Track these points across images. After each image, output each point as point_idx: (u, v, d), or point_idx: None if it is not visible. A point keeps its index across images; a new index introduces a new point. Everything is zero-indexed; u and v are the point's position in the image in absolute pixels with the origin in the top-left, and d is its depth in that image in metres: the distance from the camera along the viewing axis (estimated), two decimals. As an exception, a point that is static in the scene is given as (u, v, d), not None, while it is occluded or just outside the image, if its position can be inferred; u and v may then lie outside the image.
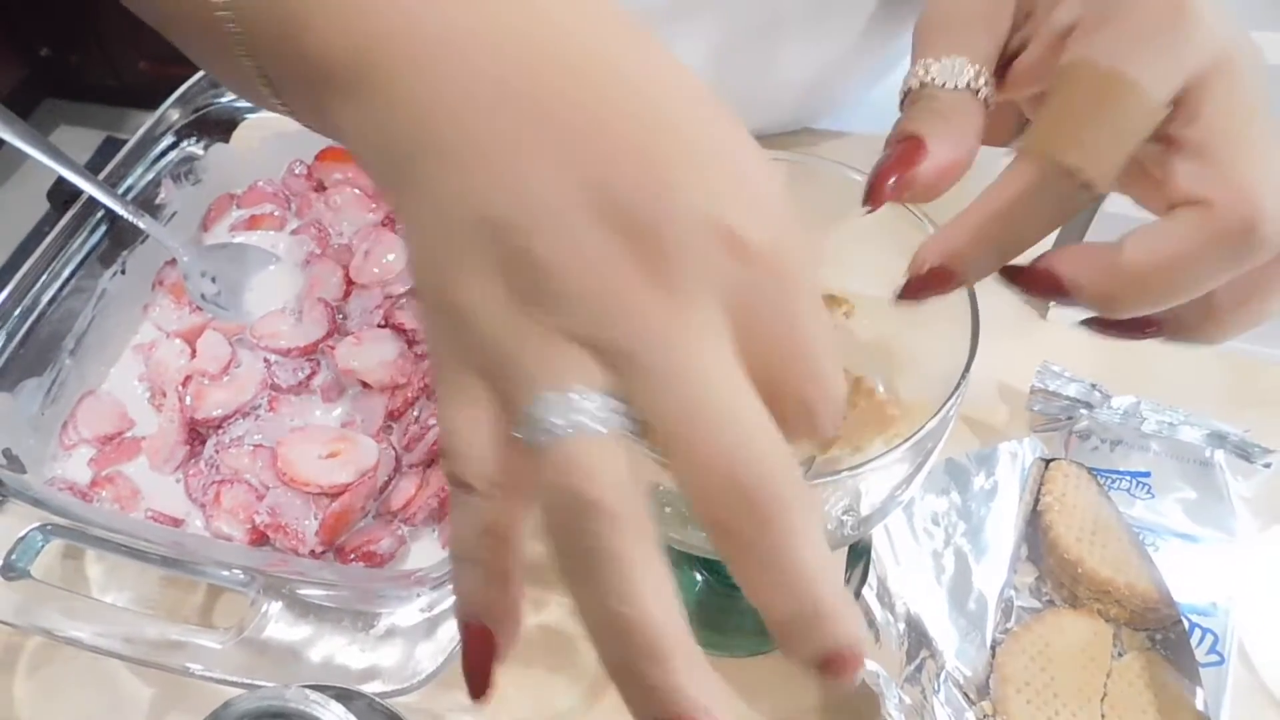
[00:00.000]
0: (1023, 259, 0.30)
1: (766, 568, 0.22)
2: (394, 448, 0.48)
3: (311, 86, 0.24)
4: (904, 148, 0.29)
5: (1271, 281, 0.28)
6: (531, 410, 0.22)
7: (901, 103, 0.30)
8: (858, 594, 0.42)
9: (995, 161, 0.30)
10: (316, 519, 0.46)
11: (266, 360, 0.52)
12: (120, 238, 0.56)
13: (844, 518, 0.36)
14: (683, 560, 0.50)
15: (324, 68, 0.24)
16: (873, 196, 0.29)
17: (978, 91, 0.29)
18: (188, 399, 0.49)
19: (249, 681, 0.40)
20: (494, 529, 0.24)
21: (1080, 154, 0.27)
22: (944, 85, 0.29)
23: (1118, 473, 0.50)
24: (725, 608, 0.50)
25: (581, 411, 0.21)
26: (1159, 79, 0.26)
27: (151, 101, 0.60)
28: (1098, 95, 0.27)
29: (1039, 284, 0.29)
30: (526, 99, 0.22)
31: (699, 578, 0.50)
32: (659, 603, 0.21)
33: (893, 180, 0.29)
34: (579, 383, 0.21)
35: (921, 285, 0.30)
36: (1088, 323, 0.31)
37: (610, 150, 0.22)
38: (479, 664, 0.25)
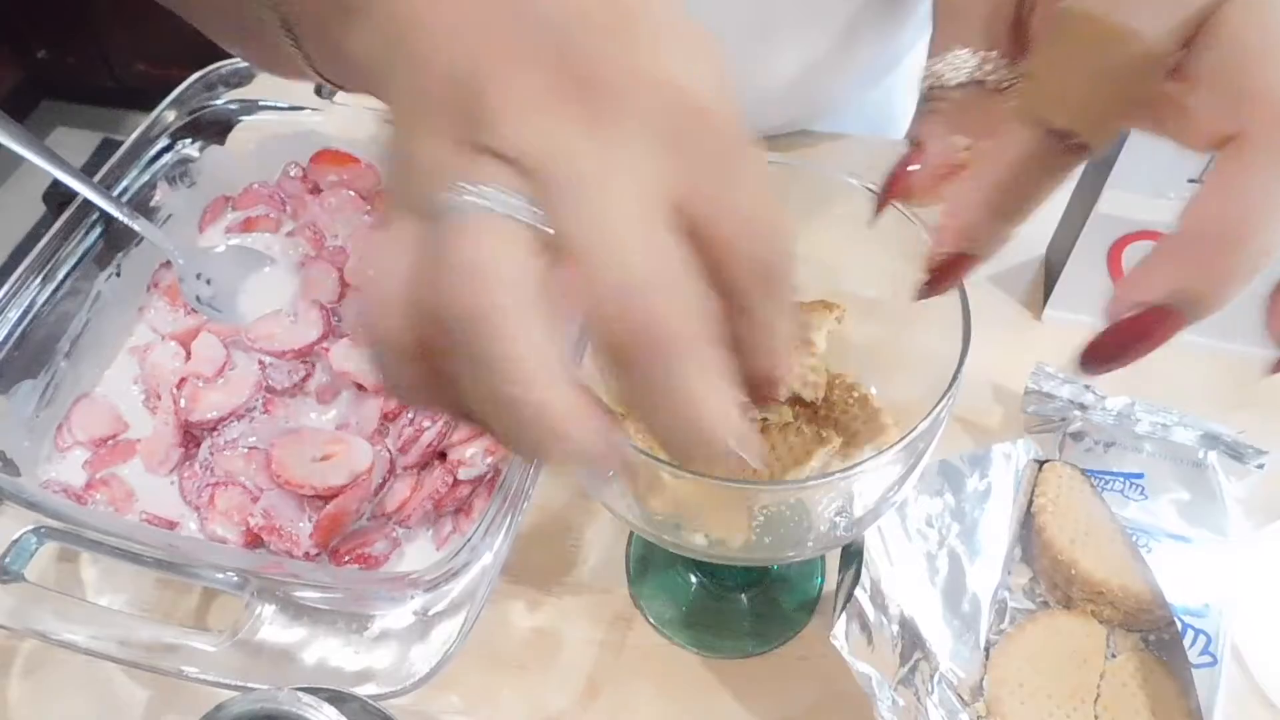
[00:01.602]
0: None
1: (657, 410, 0.22)
2: (388, 450, 0.48)
3: (329, 16, 0.27)
4: (907, 155, 0.29)
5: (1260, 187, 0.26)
6: (444, 195, 0.22)
7: (920, 99, 0.30)
8: (850, 595, 0.42)
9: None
10: (311, 521, 0.46)
11: (261, 362, 0.52)
12: (115, 240, 0.56)
13: (837, 519, 0.36)
14: (678, 563, 0.51)
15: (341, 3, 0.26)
16: (878, 206, 0.30)
17: (985, 81, 0.29)
18: (182, 401, 0.49)
19: (243, 684, 0.40)
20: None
21: (1071, 116, 0.26)
22: (948, 83, 0.29)
23: (1111, 474, 0.50)
24: (720, 610, 0.50)
25: (487, 198, 0.22)
26: (1161, 21, 0.24)
27: (148, 103, 0.60)
28: (1091, 48, 0.25)
29: (1148, 334, 0.26)
30: None
31: (694, 580, 0.50)
32: (541, 371, 0.22)
33: (893, 187, 0.29)
34: (494, 180, 0.22)
35: (941, 276, 0.29)
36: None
37: (570, 14, 0.23)
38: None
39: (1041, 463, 0.50)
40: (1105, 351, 0.26)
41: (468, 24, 0.24)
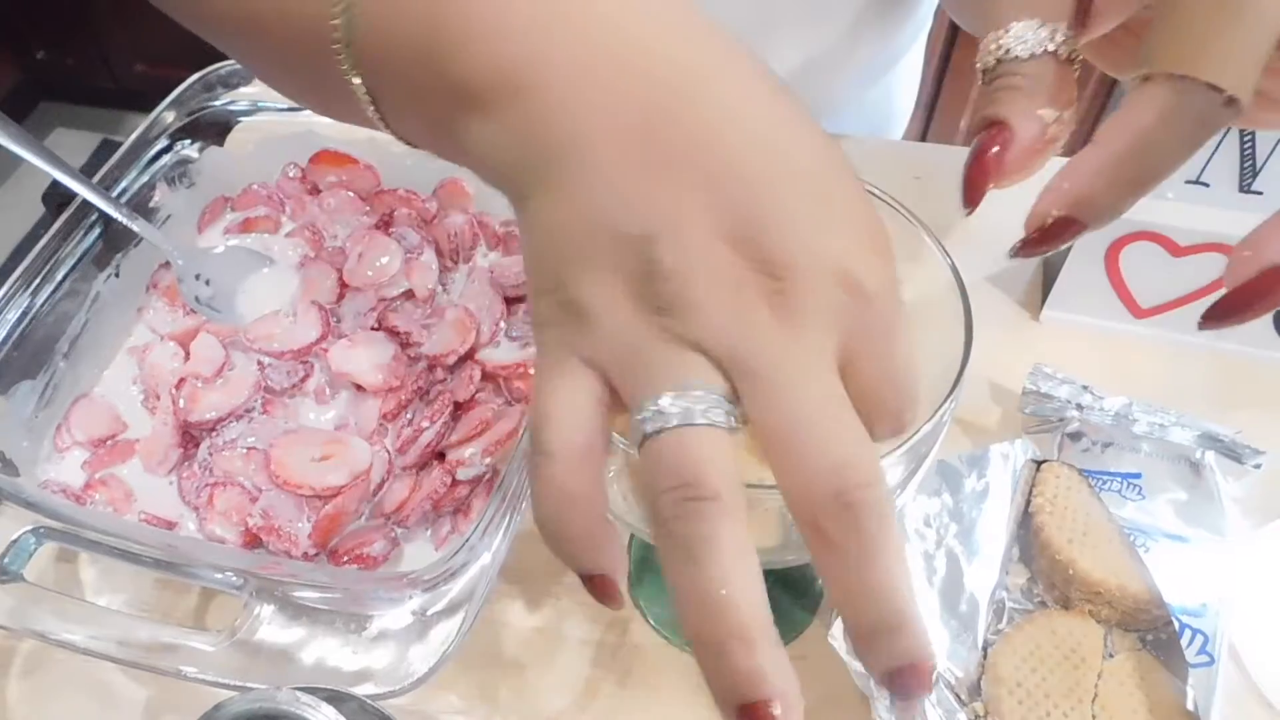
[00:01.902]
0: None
1: (855, 573, 0.23)
2: (387, 450, 0.48)
3: (441, 103, 0.26)
4: (988, 135, 0.28)
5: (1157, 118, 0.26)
6: (652, 400, 0.23)
7: (982, 79, 0.29)
8: (849, 595, 0.42)
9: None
10: (309, 521, 0.46)
11: (260, 363, 0.52)
12: (114, 241, 0.56)
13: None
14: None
15: (466, 88, 0.25)
16: (969, 196, 0.29)
17: (1056, 51, 0.28)
18: (181, 401, 0.49)
19: (241, 684, 0.40)
20: (576, 499, 0.25)
21: (1218, 66, 0.25)
22: (1019, 56, 0.28)
23: (1109, 474, 0.50)
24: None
25: (697, 404, 0.23)
26: None
27: (148, 104, 0.60)
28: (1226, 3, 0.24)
29: (1271, 293, 0.26)
30: (664, 122, 0.24)
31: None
32: (753, 589, 0.23)
33: (981, 173, 0.28)
34: (698, 383, 0.24)
35: (1045, 238, 0.28)
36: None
37: (740, 174, 0.24)
38: (604, 595, 0.27)
39: (1039, 463, 0.50)
40: (1230, 310, 0.27)
41: (629, 145, 0.24)
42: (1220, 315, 0.27)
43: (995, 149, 0.28)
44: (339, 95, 0.29)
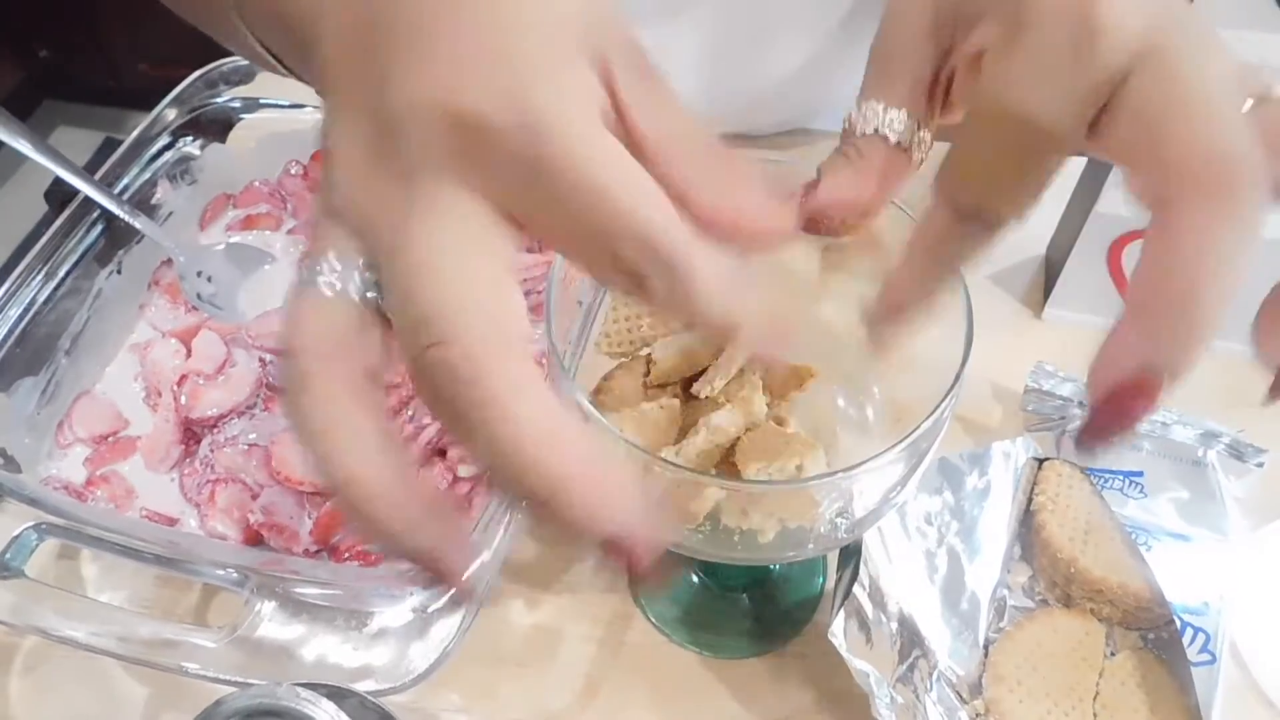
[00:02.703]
0: None
1: (464, 437, 0.23)
2: (388, 447, 0.48)
3: (289, 36, 0.29)
4: (806, 186, 0.30)
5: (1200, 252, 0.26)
6: (297, 270, 0.25)
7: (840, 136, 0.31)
8: (848, 593, 0.42)
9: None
10: (311, 518, 0.46)
11: (262, 360, 0.52)
12: (116, 238, 0.56)
13: (838, 520, 0.36)
14: (679, 563, 0.51)
15: (293, 21, 0.28)
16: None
17: (886, 137, 0.30)
18: (183, 398, 0.49)
19: (242, 680, 0.40)
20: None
21: (986, 195, 0.27)
22: (859, 132, 0.30)
23: (1111, 472, 0.50)
24: (720, 610, 0.50)
25: (315, 272, 0.24)
26: (1071, 104, 0.25)
27: (151, 103, 0.60)
28: (1001, 134, 0.26)
29: (1131, 409, 0.26)
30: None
31: (695, 580, 0.50)
32: (352, 452, 0.24)
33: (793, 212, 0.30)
34: (332, 251, 0.24)
35: (883, 320, 0.31)
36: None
37: (388, 45, 0.24)
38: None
39: (1041, 461, 0.50)
40: (1099, 432, 0.26)
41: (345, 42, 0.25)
42: (1094, 439, 0.27)
43: (801, 199, 0.30)
44: (243, 41, 0.31)
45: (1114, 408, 0.26)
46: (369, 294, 0.24)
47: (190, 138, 0.61)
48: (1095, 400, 0.26)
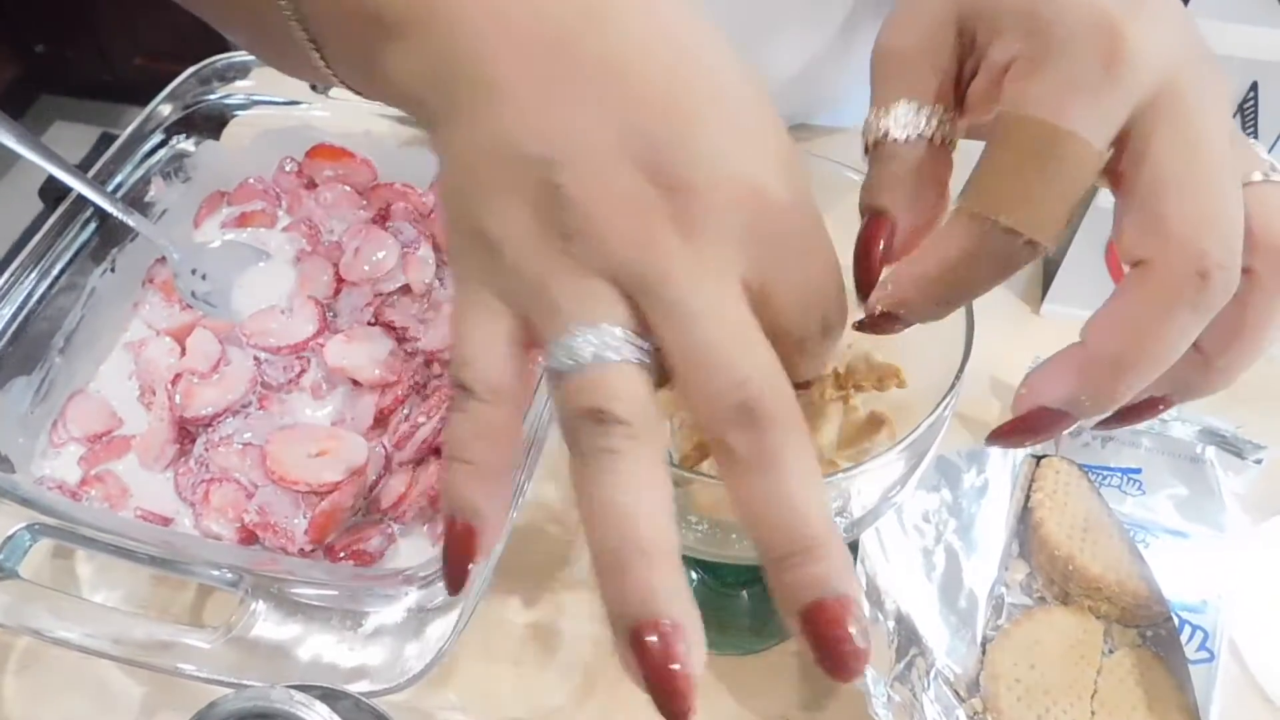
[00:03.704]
0: None
1: (761, 491, 0.23)
2: (384, 446, 0.48)
3: (364, 34, 0.27)
4: (873, 227, 0.29)
5: (1247, 319, 0.27)
6: (562, 339, 0.24)
7: (865, 151, 0.30)
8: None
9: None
10: (306, 517, 0.46)
11: (256, 358, 0.51)
12: (110, 235, 0.56)
13: (837, 519, 0.36)
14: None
15: (382, 16, 0.26)
16: (862, 289, 0.29)
17: (932, 137, 0.29)
18: (177, 397, 0.49)
19: (237, 681, 0.40)
20: (490, 432, 0.25)
21: (1021, 213, 0.26)
22: (896, 139, 0.29)
23: (1109, 469, 0.50)
24: (721, 607, 0.50)
25: (607, 342, 0.24)
26: (1096, 127, 0.25)
27: (147, 98, 0.60)
28: (1034, 150, 0.26)
29: (1035, 429, 0.29)
30: (571, 47, 0.24)
31: (694, 577, 0.50)
32: (658, 509, 0.23)
33: (872, 266, 0.29)
34: (605, 316, 0.24)
35: (873, 325, 0.30)
36: (1101, 426, 0.31)
37: (644, 97, 0.24)
38: (459, 560, 0.26)
39: (1039, 458, 0.50)
40: (1008, 438, 0.29)
41: (533, 71, 0.24)
42: (1003, 437, 0.30)
43: (881, 244, 0.29)
44: (284, 41, 0.29)
45: (1029, 424, 0.28)
46: (648, 363, 0.24)
47: (184, 134, 0.60)
48: (1017, 411, 0.29)
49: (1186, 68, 0.26)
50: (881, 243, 0.29)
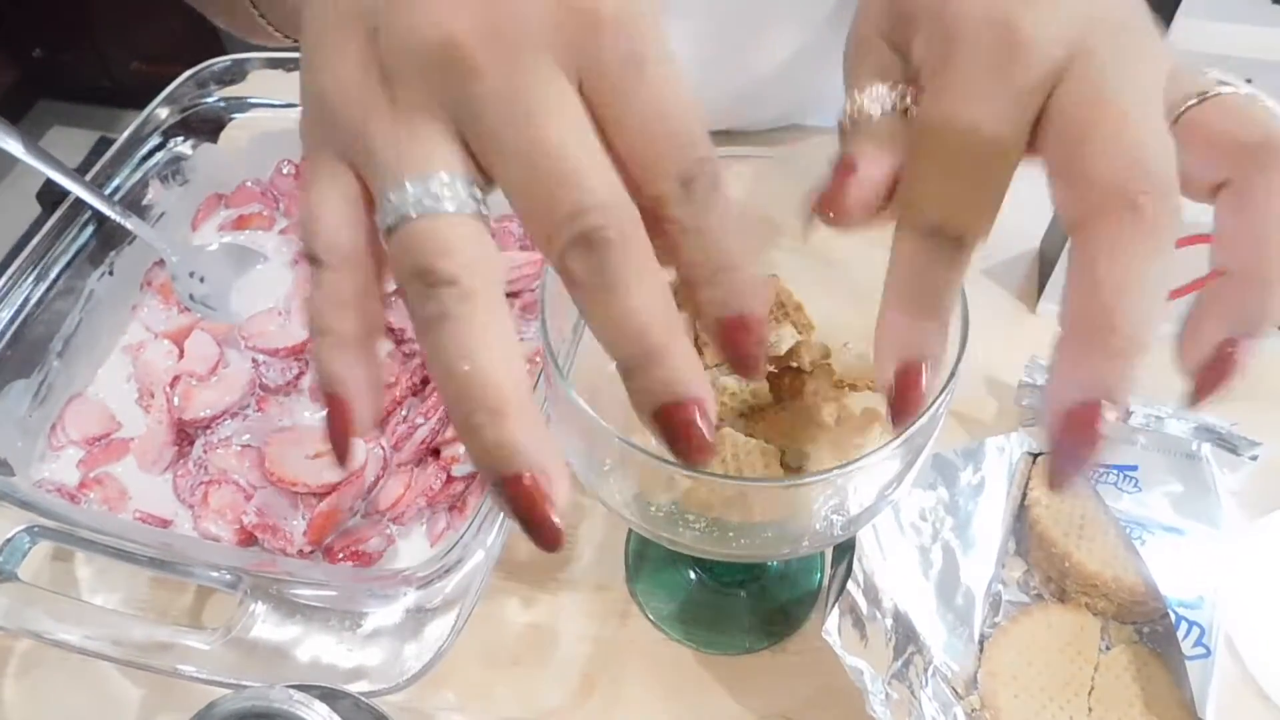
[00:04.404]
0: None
1: (604, 307, 0.24)
2: (382, 447, 0.48)
3: None
4: (838, 168, 0.29)
5: (1254, 221, 0.27)
6: (389, 192, 0.24)
7: (840, 136, 0.31)
8: (842, 590, 0.42)
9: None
10: (304, 519, 0.46)
11: (254, 360, 0.52)
12: (108, 238, 0.56)
13: (833, 517, 0.36)
14: (676, 559, 0.51)
15: None
16: (818, 213, 0.30)
17: (905, 110, 0.29)
18: (176, 400, 0.49)
19: (236, 682, 0.40)
20: (340, 299, 0.26)
21: (945, 211, 0.26)
22: (872, 114, 0.29)
23: (1105, 466, 0.50)
24: (717, 606, 0.50)
25: (432, 191, 0.23)
26: (1005, 113, 0.26)
27: (144, 102, 0.60)
28: (949, 152, 0.26)
29: (1218, 376, 0.28)
30: None
31: (692, 576, 0.50)
32: (500, 365, 0.23)
33: (825, 199, 0.29)
34: (431, 161, 0.24)
35: (902, 399, 0.29)
36: (1195, 395, 0.29)
37: None
38: (338, 434, 0.26)
39: (1035, 455, 0.50)
40: (1063, 467, 0.26)
41: None
42: (1061, 473, 0.27)
43: (844, 183, 0.29)
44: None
45: (1071, 441, 0.26)
46: (481, 209, 0.24)
47: (181, 138, 0.61)
48: (1052, 438, 0.26)
49: (1095, 31, 0.26)
50: (844, 183, 0.29)
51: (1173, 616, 0.44)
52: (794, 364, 0.39)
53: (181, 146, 0.61)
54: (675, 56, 0.25)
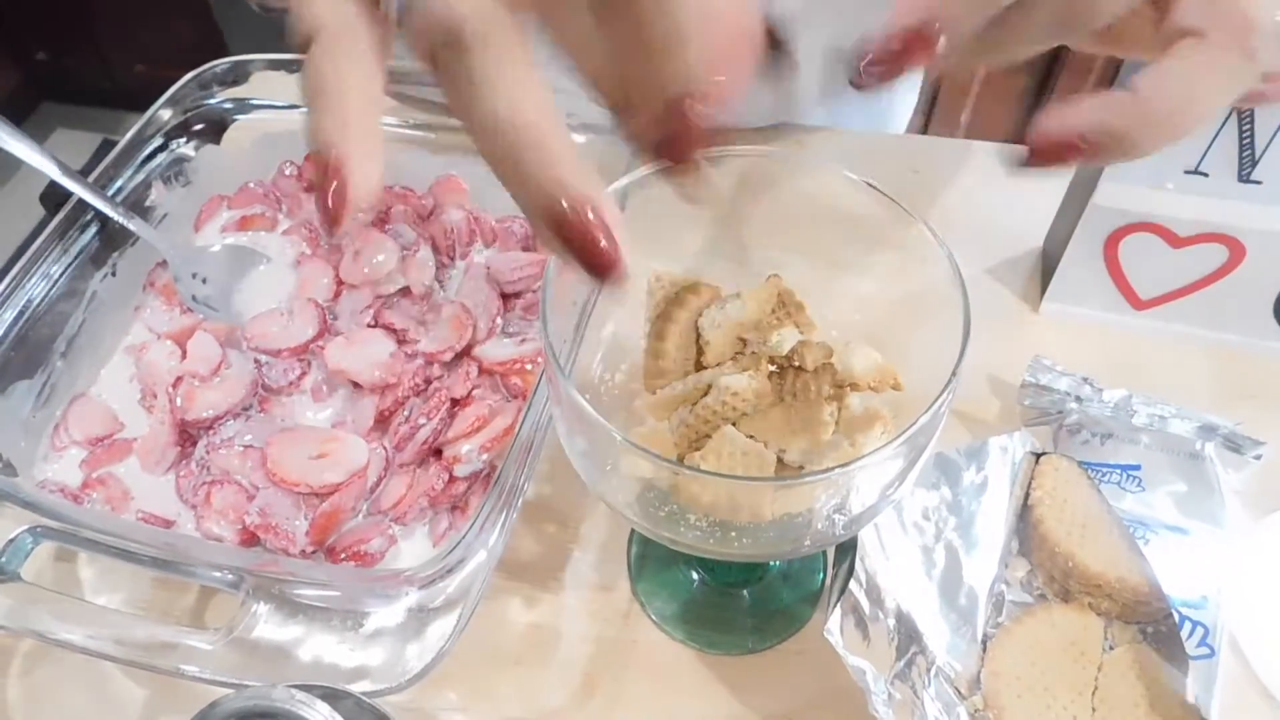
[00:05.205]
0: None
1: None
2: (384, 447, 0.48)
3: None
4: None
5: (1195, 81, 0.28)
6: None
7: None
8: (844, 590, 0.42)
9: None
10: (306, 519, 0.46)
11: (257, 361, 0.52)
12: (111, 240, 0.56)
13: (835, 516, 0.36)
14: (678, 559, 0.51)
15: None
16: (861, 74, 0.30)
17: None
18: (178, 400, 0.49)
19: (239, 682, 0.40)
20: (340, 64, 0.26)
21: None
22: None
23: (1108, 466, 0.50)
24: (720, 606, 0.50)
25: None
26: None
27: (147, 104, 0.60)
28: None
29: (1054, 151, 0.29)
30: None
31: (695, 577, 0.50)
32: (538, 108, 0.24)
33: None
34: None
35: (893, 58, 0.29)
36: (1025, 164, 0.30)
37: None
38: (336, 201, 0.26)
39: (1038, 455, 0.50)
40: (1036, 160, 0.29)
41: None
42: (1034, 158, 0.29)
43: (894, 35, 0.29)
44: None
45: (1044, 143, 0.28)
46: None
47: (184, 139, 0.61)
48: (1034, 128, 0.28)
49: None
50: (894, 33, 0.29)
51: (1176, 616, 0.44)
52: (795, 364, 0.39)
53: (184, 148, 0.61)
54: None
